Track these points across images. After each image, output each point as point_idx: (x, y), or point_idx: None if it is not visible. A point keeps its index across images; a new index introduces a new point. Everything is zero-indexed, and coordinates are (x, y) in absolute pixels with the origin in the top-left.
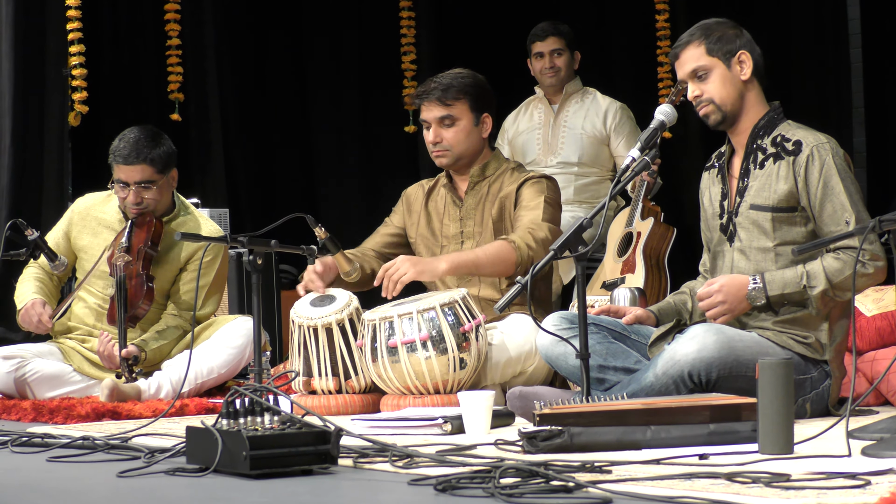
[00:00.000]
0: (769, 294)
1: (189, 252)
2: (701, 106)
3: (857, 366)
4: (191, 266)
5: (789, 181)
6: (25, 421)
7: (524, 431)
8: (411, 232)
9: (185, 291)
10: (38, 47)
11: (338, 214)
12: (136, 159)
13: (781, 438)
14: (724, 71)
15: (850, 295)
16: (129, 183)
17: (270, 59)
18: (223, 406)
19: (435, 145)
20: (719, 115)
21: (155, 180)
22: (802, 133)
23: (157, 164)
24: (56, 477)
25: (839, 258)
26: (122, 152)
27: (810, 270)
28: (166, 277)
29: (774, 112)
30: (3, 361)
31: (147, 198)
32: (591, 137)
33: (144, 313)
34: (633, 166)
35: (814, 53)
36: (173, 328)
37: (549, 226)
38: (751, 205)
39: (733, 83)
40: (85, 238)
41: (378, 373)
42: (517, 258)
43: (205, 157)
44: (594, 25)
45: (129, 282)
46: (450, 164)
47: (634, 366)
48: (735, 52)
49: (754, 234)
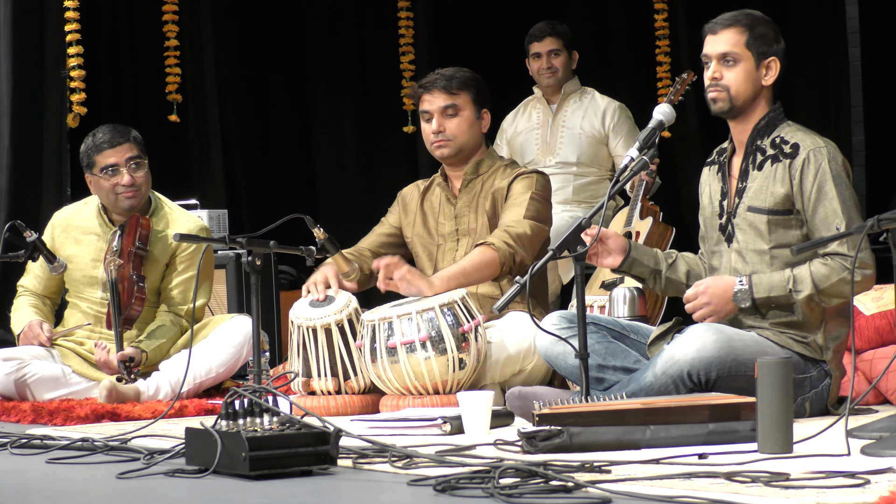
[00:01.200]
0: (755, 296)
1: (173, 247)
2: (714, 89)
3: (856, 365)
4: (175, 261)
5: (786, 184)
6: (25, 423)
7: (523, 431)
8: (408, 232)
9: (174, 286)
10: (36, 49)
11: (336, 215)
12: (122, 139)
13: (781, 438)
14: (751, 67)
15: (836, 301)
16: (118, 165)
17: (269, 60)
18: (222, 407)
19: (437, 135)
20: (727, 105)
21: (143, 157)
22: (801, 136)
23: (140, 144)
24: (55, 478)
25: (826, 264)
26: (105, 138)
27: (797, 275)
28: (155, 275)
29: (774, 112)
30: (3, 363)
31: (138, 177)
32: (590, 137)
33: (138, 314)
34: (632, 166)
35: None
36: (169, 325)
37: (529, 222)
38: (748, 207)
39: (754, 82)
40: (69, 248)
41: (377, 373)
42: (500, 258)
43: (203, 158)
44: (593, 25)
45: (120, 284)
46: (450, 154)
47: (633, 365)
48: (768, 55)
49: (751, 237)
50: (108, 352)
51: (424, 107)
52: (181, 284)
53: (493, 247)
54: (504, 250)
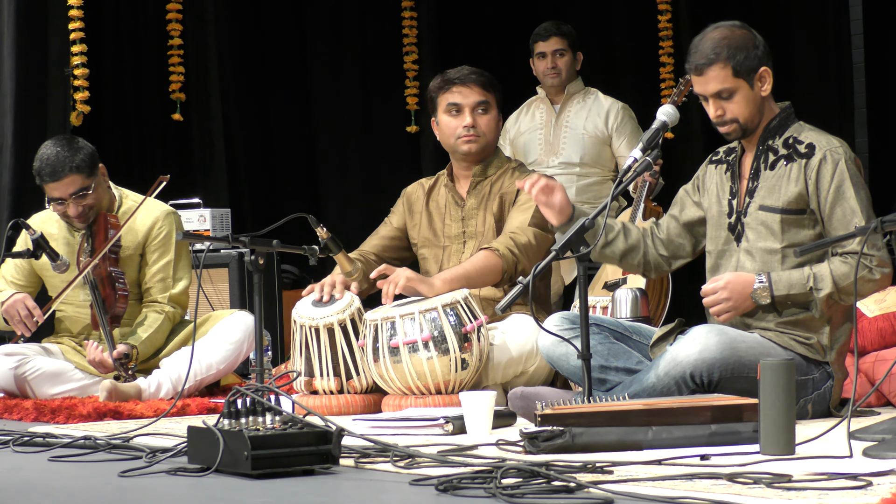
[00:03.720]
0: (775, 294)
1: (143, 236)
2: (723, 125)
3: (858, 367)
4: (149, 249)
5: (800, 184)
6: (27, 420)
7: (526, 432)
8: (413, 233)
9: (154, 273)
10: (40, 47)
11: (340, 214)
12: (63, 173)
13: (783, 439)
14: (747, 91)
15: (854, 299)
16: (64, 198)
17: (272, 59)
18: (225, 406)
19: (469, 129)
20: (740, 133)
21: (87, 186)
22: (815, 136)
23: (84, 169)
24: (58, 476)
25: (847, 262)
26: (47, 171)
27: (817, 273)
28: (132, 268)
29: (785, 113)
30: (5, 358)
31: (86, 205)
32: (593, 138)
33: (124, 310)
34: (636, 167)
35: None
36: (154, 314)
37: (534, 231)
38: (760, 206)
39: (755, 101)
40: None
41: (380, 373)
42: (503, 265)
43: (206, 157)
44: (597, 25)
45: (100, 284)
46: (478, 151)
47: (636, 366)
48: (757, 69)
49: (762, 235)
50: (100, 350)
51: (455, 99)
52: (159, 272)
53: (498, 253)
54: (508, 258)
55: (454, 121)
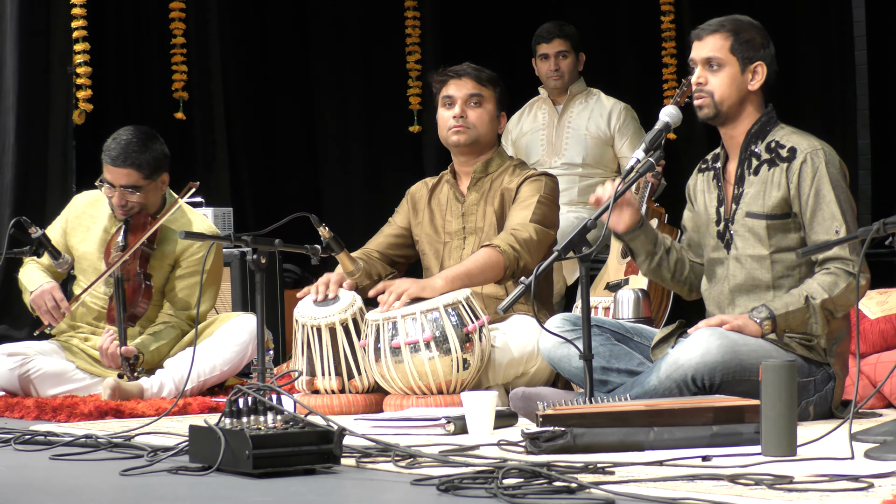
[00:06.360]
0: (774, 313)
1: (181, 249)
2: (699, 95)
3: (860, 368)
4: (183, 263)
5: (783, 188)
6: (28, 419)
7: (527, 432)
8: (417, 230)
9: (180, 289)
10: (42, 46)
11: (342, 214)
12: (124, 163)
13: (784, 440)
14: (735, 72)
15: (841, 312)
16: (114, 184)
17: (275, 58)
18: (226, 405)
19: (457, 120)
20: (712, 111)
21: (141, 186)
22: (797, 139)
23: (145, 169)
24: (59, 475)
25: (829, 272)
26: (112, 153)
27: (807, 287)
28: (162, 275)
29: (766, 116)
30: (7, 358)
31: (132, 201)
32: (595, 138)
33: (143, 312)
34: (638, 167)
35: (819, 55)
36: (170, 328)
37: (535, 227)
38: (746, 212)
39: (739, 88)
40: (78, 234)
41: (381, 373)
42: (505, 262)
43: (209, 156)
44: (599, 26)
45: (126, 281)
46: (465, 142)
47: (637, 367)
48: (754, 60)
49: (750, 242)
50: (114, 341)
51: (449, 91)
52: (186, 289)
53: (499, 250)
54: (510, 254)
55: (446, 112)
